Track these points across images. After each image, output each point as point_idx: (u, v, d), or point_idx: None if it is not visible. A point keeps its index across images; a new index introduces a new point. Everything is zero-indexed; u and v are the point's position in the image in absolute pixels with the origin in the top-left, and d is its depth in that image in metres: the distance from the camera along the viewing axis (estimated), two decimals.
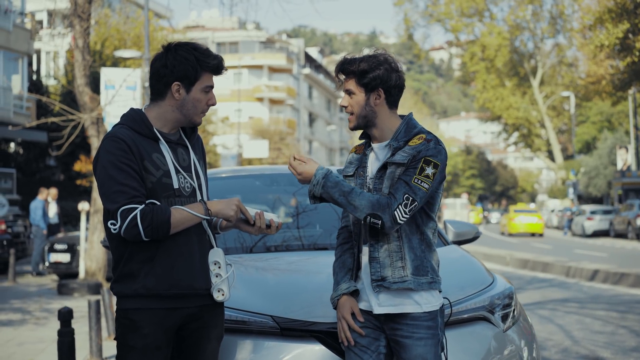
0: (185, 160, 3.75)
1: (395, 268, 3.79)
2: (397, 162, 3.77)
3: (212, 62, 3.68)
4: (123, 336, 3.64)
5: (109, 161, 3.53)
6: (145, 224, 3.46)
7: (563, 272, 18.50)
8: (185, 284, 3.62)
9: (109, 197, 3.51)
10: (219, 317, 3.81)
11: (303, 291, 4.36)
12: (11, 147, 37.99)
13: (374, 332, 3.88)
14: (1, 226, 20.30)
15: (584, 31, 45.53)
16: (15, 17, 33.43)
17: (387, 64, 3.85)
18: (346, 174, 4.01)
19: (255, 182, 6.31)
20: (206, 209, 3.62)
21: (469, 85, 76.23)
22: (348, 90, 3.89)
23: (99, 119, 15.93)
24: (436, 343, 3.81)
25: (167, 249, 3.60)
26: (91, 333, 8.32)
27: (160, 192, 3.60)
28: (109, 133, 3.62)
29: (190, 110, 3.68)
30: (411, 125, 3.88)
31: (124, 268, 3.62)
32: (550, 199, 76.01)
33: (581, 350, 8.99)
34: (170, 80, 3.63)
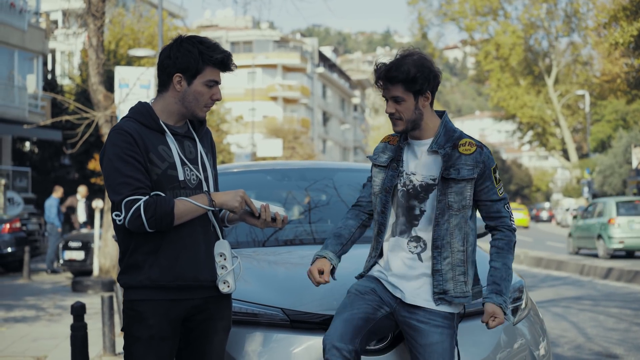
0: (192, 153, 3.75)
1: (458, 282, 3.86)
2: (466, 179, 3.85)
3: (216, 56, 3.66)
4: (129, 327, 3.66)
5: (114, 153, 3.56)
6: (148, 215, 3.48)
7: (577, 270, 18.47)
8: (190, 276, 3.63)
9: (114, 188, 3.54)
10: (225, 309, 3.82)
11: (313, 284, 4.37)
12: (26, 146, 38.16)
13: (381, 301, 3.91)
14: (16, 224, 20.40)
15: (599, 29, 45.29)
16: (30, 17, 33.55)
17: (427, 63, 3.87)
18: (379, 164, 4.04)
19: (267, 177, 6.32)
20: (210, 200, 3.63)
21: (483, 84, 76.00)
22: (396, 98, 3.88)
23: (112, 117, 15.99)
24: (452, 334, 3.85)
25: (172, 241, 3.61)
26: (104, 328, 8.36)
27: (166, 184, 3.62)
28: (115, 126, 3.64)
29: (192, 102, 3.68)
30: (449, 127, 3.96)
31: (129, 259, 3.65)
32: (565, 197, 75.72)
33: (594, 347, 8.97)
34: (172, 71, 3.65)
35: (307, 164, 6.94)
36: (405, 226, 3.93)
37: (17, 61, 32.82)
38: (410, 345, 3.88)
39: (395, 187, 3.96)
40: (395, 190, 3.96)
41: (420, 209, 3.90)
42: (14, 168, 33.23)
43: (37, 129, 28.17)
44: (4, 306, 13.06)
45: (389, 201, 3.98)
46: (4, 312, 12.38)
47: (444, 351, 3.80)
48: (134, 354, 3.64)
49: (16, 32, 32.27)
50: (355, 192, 4.33)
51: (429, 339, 3.80)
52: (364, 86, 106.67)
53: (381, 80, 3.90)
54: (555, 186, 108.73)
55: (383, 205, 3.99)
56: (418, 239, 3.90)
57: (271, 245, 5.42)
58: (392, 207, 3.99)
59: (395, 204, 3.98)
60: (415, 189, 3.91)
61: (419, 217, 3.91)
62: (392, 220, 3.99)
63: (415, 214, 3.91)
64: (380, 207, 4.00)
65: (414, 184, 3.91)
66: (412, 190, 3.91)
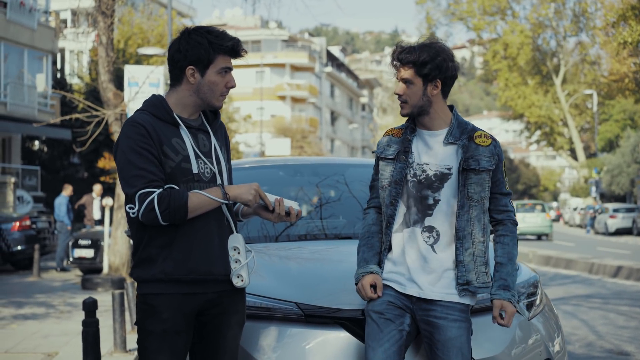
0: (205, 146, 3.73)
1: (480, 273, 3.89)
2: (486, 170, 3.90)
3: (225, 43, 3.64)
4: (142, 321, 3.65)
5: (128, 146, 3.54)
6: (162, 208, 3.46)
7: (586, 269, 18.43)
8: (204, 270, 3.62)
9: (128, 181, 3.53)
10: (239, 303, 3.79)
11: (327, 279, 4.37)
12: (35, 144, 38.25)
13: (401, 311, 3.89)
14: (26, 222, 20.45)
15: (607, 29, 45.21)
16: (39, 16, 33.64)
17: (444, 54, 3.88)
18: (386, 157, 4.03)
19: (279, 172, 6.32)
20: (224, 193, 3.61)
21: (491, 83, 75.85)
22: (405, 79, 3.90)
23: (122, 115, 16.01)
24: (468, 327, 3.85)
25: (186, 234, 3.59)
26: (115, 325, 8.38)
27: (180, 177, 3.60)
28: (129, 118, 3.63)
29: (207, 93, 3.67)
30: (461, 120, 4.01)
31: (142, 253, 3.63)
32: (572, 197, 75.59)
33: (605, 344, 8.95)
34: (184, 64, 3.63)
35: (319, 159, 6.94)
36: (418, 216, 3.92)
37: (26, 60, 32.92)
38: (428, 342, 3.87)
39: (405, 178, 3.95)
40: (405, 182, 3.95)
41: (434, 198, 3.90)
42: (24, 167, 33.34)
43: (47, 127, 28.25)
44: (15, 303, 13.09)
45: (399, 193, 3.96)
46: (14, 309, 12.41)
47: (462, 345, 3.80)
48: (148, 348, 3.63)
49: (26, 31, 32.35)
50: (367, 188, 4.32)
51: (447, 334, 3.80)
52: (372, 86, 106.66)
53: (394, 61, 3.94)
54: (562, 186, 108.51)
55: (393, 197, 3.97)
56: (431, 229, 3.90)
57: (283, 241, 5.42)
58: (402, 198, 3.98)
59: (405, 195, 3.96)
60: (428, 179, 3.91)
61: (433, 207, 3.90)
62: (403, 211, 3.97)
63: (428, 204, 3.90)
64: (390, 199, 3.98)
65: (427, 173, 3.91)
66: (424, 180, 3.91)
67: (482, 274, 3.89)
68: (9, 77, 31.88)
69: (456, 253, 3.88)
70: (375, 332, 3.86)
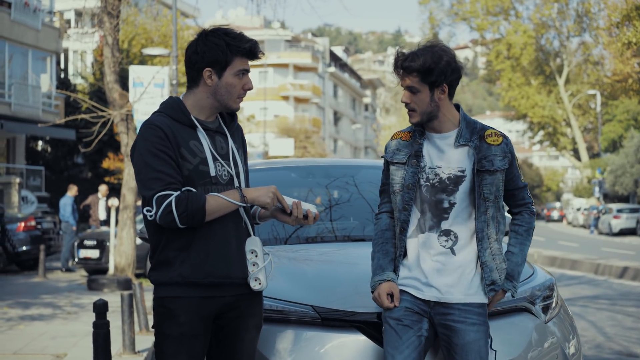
0: (223, 148, 3.71)
1: (501, 271, 3.91)
2: (500, 170, 3.89)
3: (243, 45, 3.62)
4: (159, 324, 3.63)
5: (145, 148, 3.53)
6: (180, 210, 3.44)
7: (592, 270, 18.41)
8: (221, 273, 3.59)
9: (145, 183, 3.51)
10: (257, 306, 3.77)
11: (343, 281, 4.34)
12: (39, 144, 38.27)
13: (418, 316, 3.87)
14: (31, 222, 20.45)
15: (611, 29, 45.15)
16: (44, 16, 33.65)
17: (447, 56, 3.83)
18: (397, 162, 3.99)
19: (291, 174, 6.30)
20: (242, 195, 3.59)
21: (494, 83, 75.77)
22: (411, 88, 3.85)
23: (128, 116, 16.00)
24: (486, 331, 3.83)
25: (203, 237, 3.57)
26: (124, 327, 8.36)
27: (197, 179, 3.58)
28: (147, 120, 3.61)
29: (225, 95, 3.65)
30: (469, 120, 3.98)
31: (160, 255, 3.62)
32: (575, 197, 75.52)
33: (614, 346, 8.94)
34: (202, 66, 3.61)
35: (331, 161, 6.92)
36: (433, 221, 3.89)
37: (30, 60, 32.93)
38: (446, 345, 3.85)
39: (418, 182, 3.92)
40: (418, 186, 3.92)
41: (450, 201, 3.87)
42: (28, 167, 33.34)
43: (51, 127, 28.26)
44: (21, 304, 13.09)
45: (412, 198, 3.92)
46: (20, 310, 12.41)
47: (480, 349, 3.79)
48: (165, 351, 3.61)
49: (30, 32, 32.37)
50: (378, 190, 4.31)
51: (465, 338, 3.78)
52: (375, 86, 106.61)
53: (398, 69, 3.88)
54: (565, 186, 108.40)
55: (406, 202, 3.93)
56: (448, 232, 3.87)
57: (293, 243, 5.41)
58: (415, 203, 3.94)
59: (419, 200, 3.92)
60: (442, 182, 3.87)
61: (449, 210, 3.87)
62: (417, 217, 3.93)
63: (443, 207, 3.87)
64: (402, 204, 3.95)
65: (441, 177, 3.88)
66: (438, 184, 3.87)
67: (503, 271, 3.91)
68: (14, 78, 31.89)
69: (479, 255, 3.87)
70: (394, 339, 3.84)
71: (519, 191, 4.01)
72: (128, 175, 16.02)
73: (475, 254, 3.88)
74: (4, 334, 10.12)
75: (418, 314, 3.87)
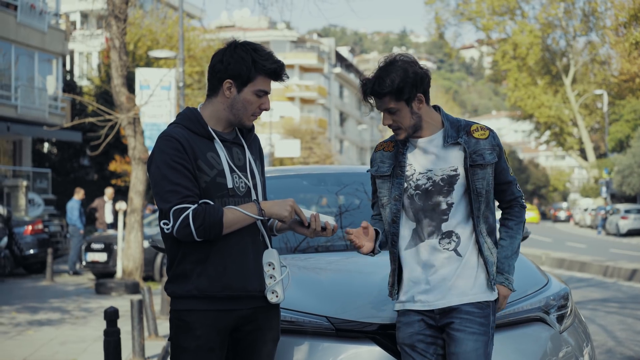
0: (240, 160, 3.69)
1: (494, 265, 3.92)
2: (491, 163, 3.87)
3: (269, 65, 3.60)
4: (176, 337, 3.62)
5: (162, 160, 3.51)
6: (197, 224, 3.43)
7: (600, 272, 18.33)
8: (238, 286, 3.58)
9: (162, 196, 3.49)
10: (274, 319, 3.76)
11: (357, 291, 4.31)
12: (45, 147, 38.31)
13: (431, 336, 3.85)
14: (38, 226, 20.46)
15: (618, 29, 45.06)
16: (50, 19, 33.68)
17: (411, 68, 3.77)
18: (382, 174, 3.97)
19: (303, 182, 6.28)
20: (259, 209, 3.57)
21: (500, 83, 75.73)
22: (389, 110, 3.82)
23: (135, 119, 15.99)
24: (487, 341, 3.77)
25: (220, 250, 3.56)
26: (133, 332, 8.35)
27: (214, 191, 3.56)
28: (164, 132, 3.60)
29: (240, 110, 3.63)
30: (451, 119, 3.95)
31: (177, 268, 3.60)
32: (582, 197, 75.39)
33: (626, 351, 8.89)
34: (224, 76, 3.59)
35: (342, 168, 6.90)
36: (433, 225, 3.86)
37: (37, 62, 32.96)
38: (447, 352, 3.83)
39: (406, 192, 3.89)
40: (408, 196, 3.89)
41: (447, 202, 3.84)
42: (34, 169, 33.37)
43: (57, 130, 28.28)
44: (29, 309, 13.09)
45: (400, 209, 3.90)
46: (29, 315, 12.41)
47: (478, 358, 3.73)
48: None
49: (36, 34, 32.40)
50: None
51: (462, 347, 3.74)
52: None
53: (368, 96, 3.84)
54: (572, 186, 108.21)
55: (394, 214, 3.91)
56: (450, 234, 3.84)
57: (301, 252, 5.37)
58: (407, 214, 3.91)
59: (411, 211, 3.89)
60: (436, 185, 3.84)
61: (447, 212, 3.84)
62: (412, 227, 3.90)
63: (442, 209, 3.84)
64: (391, 216, 3.93)
65: (434, 180, 3.84)
66: (432, 188, 3.84)
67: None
68: (20, 80, 31.93)
69: (480, 251, 3.87)
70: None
71: (508, 185, 3.98)
72: (135, 179, 16.01)
73: (477, 252, 3.86)
74: (13, 340, 10.12)
75: (430, 333, 3.85)
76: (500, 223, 4.04)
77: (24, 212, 26.65)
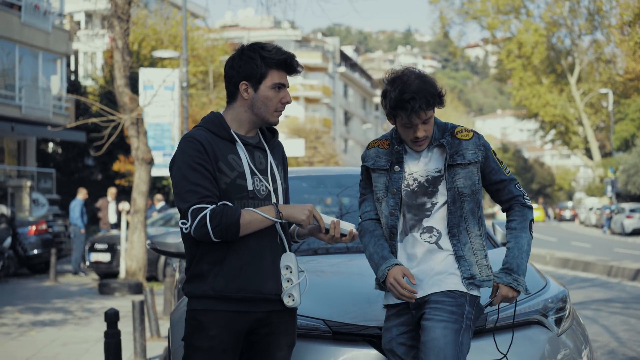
0: (262, 164, 3.72)
1: (482, 267, 3.89)
2: (472, 162, 3.88)
3: (278, 57, 3.64)
4: (190, 336, 3.63)
5: (183, 161, 3.56)
6: (214, 224, 3.45)
7: (605, 272, 18.29)
8: (254, 288, 3.59)
9: (182, 196, 3.54)
10: (290, 324, 3.75)
11: (355, 294, 4.31)
12: (50, 147, 38.35)
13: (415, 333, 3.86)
14: (42, 226, 20.49)
15: (623, 27, 44.99)
16: (54, 19, 33.71)
17: (423, 75, 3.86)
18: (379, 168, 3.99)
19: (302, 183, 6.27)
20: (277, 211, 3.58)
21: (505, 82, 75.65)
22: (428, 120, 3.84)
23: (138, 120, 16.00)
24: (458, 329, 3.71)
25: (237, 251, 3.57)
26: (135, 334, 8.36)
27: (234, 193, 3.59)
28: (187, 134, 3.64)
29: (262, 108, 3.66)
30: (438, 122, 3.98)
31: (194, 269, 3.63)
32: (587, 196, 75.28)
33: (628, 351, 8.86)
34: (238, 80, 3.64)
35: (342, 170, 6.89)
36: (415, 220, 3.92)
37: (41, 63, 32.99)
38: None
39: (400, 188, 3.93)
40: (401, 191, 3.93)
41: (432, 202, 3.90)
42: (39, 169, 33.41)
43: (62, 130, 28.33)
44: (32, 309, 13.10)
45: (397, 202, 3.94)
46: (32, 315, 12.42)
47: (446, 347, 3.66)
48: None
49: (40, 34, 32.43)
50: None
51: (430, 334, 3.70)
52: None
53: (415, 111, 3.76)
54: (577, 185, 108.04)
55: (392, 207, 3.94)
56: (430, 229, 3.89)
57: (301, 255, 5.35)
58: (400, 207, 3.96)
59: (401, 204, 3.94)
60: (422, 186, 3.89)
61: (431, 209, 3.90)
62: (401, 221, 3.96)
63: (426, 208, 3.90)
64: (389, 210, 3.95)
65: (420, 181, 3.89)
66: (418, 189, 3.89)
67: (484, 267, 3.89)
68: (24, 80, 31.96)
69: (454, 249, 3.86)
70: None
71: (504, 184, 3.99)
72: (139, 179, 16.02)
73: (457, 249, 3.87)
74: (15, 341, 10.13)
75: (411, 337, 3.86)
76: (506, 226, 4.06)
77: (27, 212, 26.68)
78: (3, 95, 30.72)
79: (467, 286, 3.82)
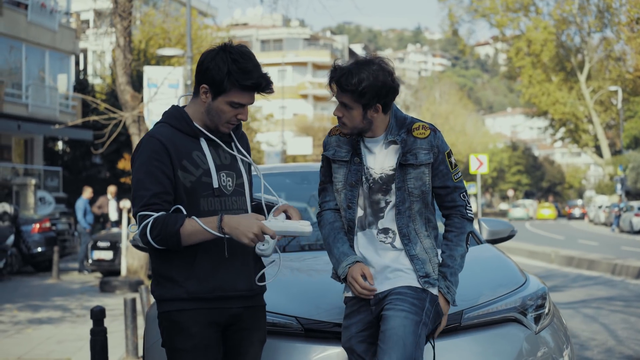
0: (227, 158, 3.64)
1: (435, 265, 3.83)
2: (424, 163, 3.79)
3: (244, 82, 3.47)
4: (170, 340, 3.55)
5: (140, 163, 3.49)
6: (154, 234, 3.37)
7: (609, 270, 18.18)
8: (228, 286, 3.53)
9: (134, 200, 3.48)
10: (261, 320, 3.73)
11: (327, 292, 4.25)
12: (58, 145, 38.43)
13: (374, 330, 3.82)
14: (46, 224, 20.51)
15: (632, 24, 44.77)
16: (60, 17, 33.77)
17: (384, 76, 3.72)
18: (339, 159, 3.92)
19: (286, 180, 6.23)
20: (219, 226, 3.40)
21: (514, 80, 75.39)
22: (344, 104, 3.78)
23: (140, 117, 15.98)
24: (418, 321, 3.67)
25: (207, 251, 3.50)
26: (127, 331, 8.32)
27: (200, 191, 3.51)
28: (149, 132, 3.56)
29: (215, 117, 3.55)
30: (399, 116, 3.89)
31: (163, 271, 3.54)
32: (597, 195, 75.00)
33: (625, 350, 8.78)
34: (201, 80, 3.53)
35: None
36: (372, 218, 3.86)
37: (48, 61, 33.05)
38: None
39: (360, 180, 3.86)
40: (361, 184, 3.86)
41: (386, 201, 3.84)
42: (46, 167, 33.47)
43: (68, 128, 28.36)
44: (31, 307, 13.10)
45: (355, 196, 3.87)
46: (30, 313, 12.42)
47: (406, 336, 3.61)
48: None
49: (47, 33, 32.50)
50: None
51: (390, 323, 3.65)
52: None
53: (332, 84, 3.79)
54: (588, 183, 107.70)
55: (349, 200, 3.88)
56: (386, 230, 3.84)
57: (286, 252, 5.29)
58: (358, 201, 3.89)
59: (361, 198, 3.88)
60: (376, 183, 3.83)
61: (384, 209, 3.84)
62: (360, 214, 3.89)
63: (380, 207, 3.84)
64: (347, 202, 3.89)
65: (374, 178, 3.84)
66: (373, 185, 3.84)
67: (437, 266, 3.85)
68: (31, 79, 32.03)
69: (406, 249, 3.80)
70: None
71: (448, 191, 3.88)
72: None
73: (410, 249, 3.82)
74: (11, 338, 10.12)
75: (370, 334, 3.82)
76: (443, 235, 3.96)
77: (33, 210, 26.72)
78: (10, 93, 30.78)
79: (424, 284, 3.77)
